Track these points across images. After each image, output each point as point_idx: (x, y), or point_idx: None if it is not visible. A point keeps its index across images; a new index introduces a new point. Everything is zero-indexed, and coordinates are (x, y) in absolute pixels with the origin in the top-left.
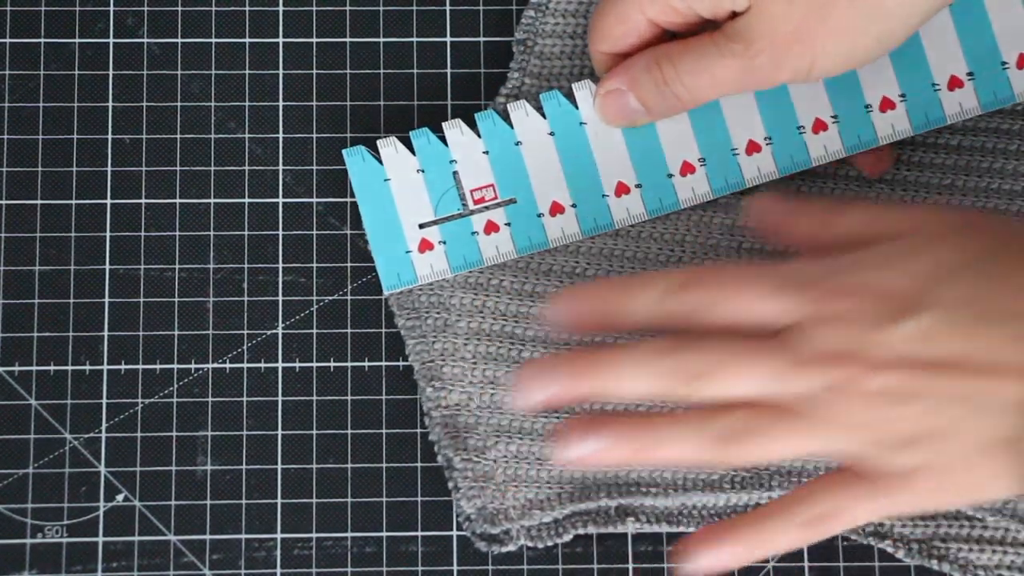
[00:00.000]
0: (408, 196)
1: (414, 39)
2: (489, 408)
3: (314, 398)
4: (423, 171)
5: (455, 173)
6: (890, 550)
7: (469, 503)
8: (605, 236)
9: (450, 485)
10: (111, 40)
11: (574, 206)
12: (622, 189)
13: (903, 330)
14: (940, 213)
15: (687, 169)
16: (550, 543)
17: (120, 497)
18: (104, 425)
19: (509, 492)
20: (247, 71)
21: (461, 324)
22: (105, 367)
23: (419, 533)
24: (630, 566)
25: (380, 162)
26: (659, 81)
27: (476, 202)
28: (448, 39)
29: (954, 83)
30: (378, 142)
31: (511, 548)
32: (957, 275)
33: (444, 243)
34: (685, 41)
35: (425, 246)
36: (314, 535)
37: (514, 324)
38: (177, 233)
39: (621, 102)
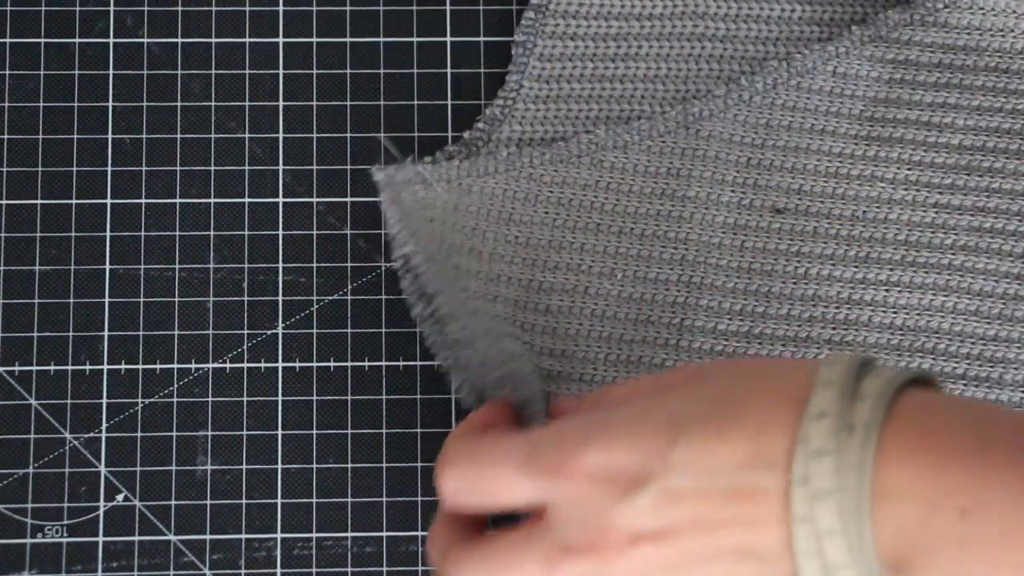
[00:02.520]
0: None
1: (414, 39)
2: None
3: (314, 398)
4: None
5: None
6: None
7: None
8: (609, 233)
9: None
10: (111, 40)
11: None
12: None
13: (636, 504)
14: (679, 369)
15: None
16: None
17: (120, 497)
18: (104, 425)
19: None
20: (247, 71)
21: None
22: (105, 367)
23: (419, 533)
24: None
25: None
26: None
27: None
28: (448, 39)
29: None
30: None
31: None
32: (679, 432)
33: None
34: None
35: None
36: (314, 535)
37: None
38: (177, 233)
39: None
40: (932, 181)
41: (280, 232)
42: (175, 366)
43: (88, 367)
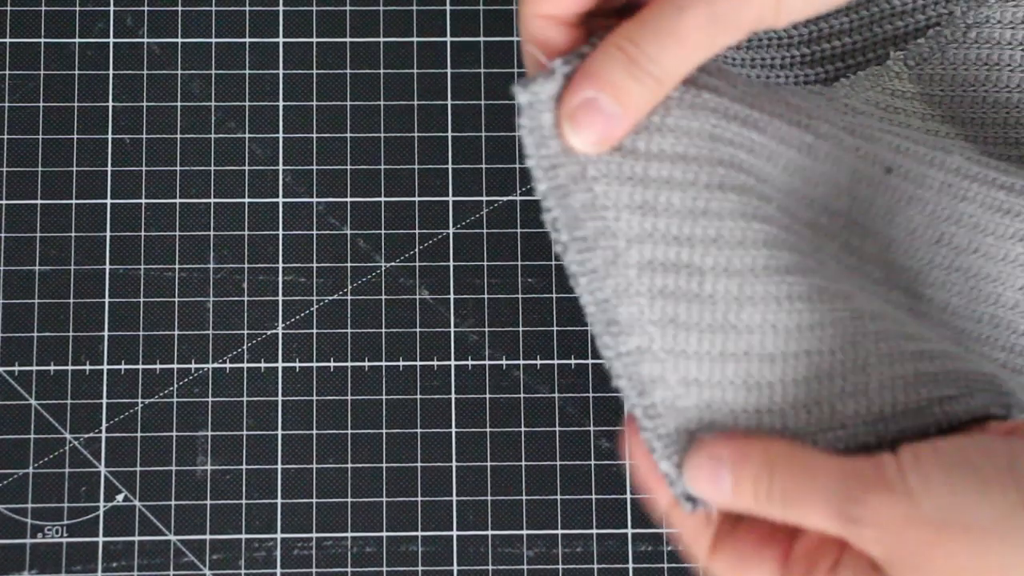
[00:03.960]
0: None
1: (414, 39)
2: (674, 352)
3: (314, 398)
4: None
5: None
6: None
7: (668, 462)
8: (788, 149)
9: (646, 446)
10: (111, 40)
11: None
12: None
13: None
14: None
15: None
16: None
17: (120, 497)
18: (104, 425)
19: None
20: (247, 71)
21: (632, 254)
22: (105, 367)
23: (419, 533)
24: (630, 566)
25: None
26: (627, 64)
27: None
28: (448, 39)
29: None
30: None
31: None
32: None
33: None
34: (638, 14)
35: None
36: (314, 535)
37: (689, 251)
38: (177, 233)
39: (595, 111)
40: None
41: (280, 232)
42: (175, 366)
43: (88, 367)
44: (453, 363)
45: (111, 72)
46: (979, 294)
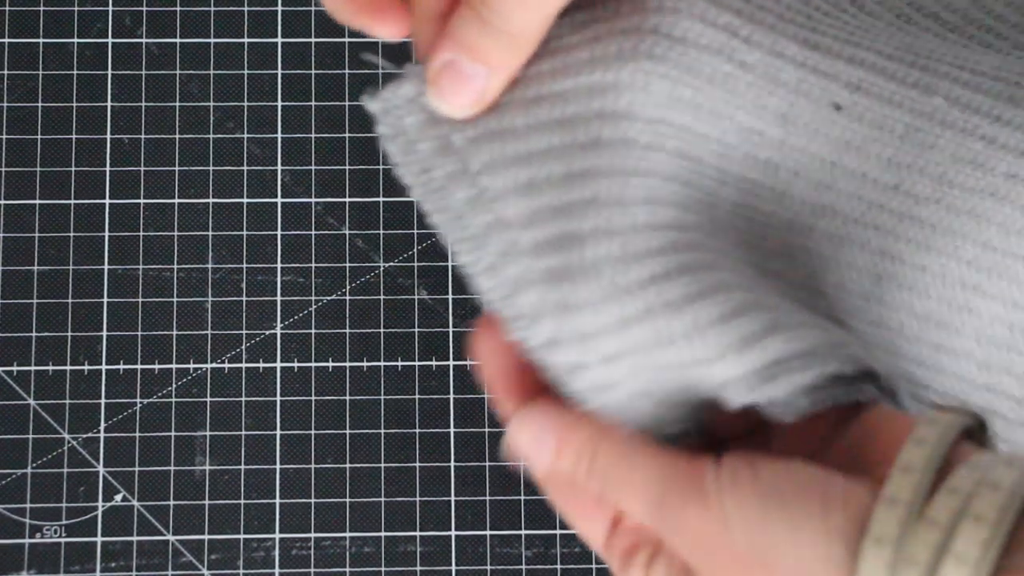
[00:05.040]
0: None
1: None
2: (580, 336)
3: (313, 398)
4: None
5: None
6: None
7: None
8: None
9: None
10: (110, 40)
11: None
12: None
13: None
14: None
15: None
16: None
17: (118, 497)
18: (103, 425)
19: None
20: (246, 71)
21: (525, 238)
22: (104, 367)
23: (418, 533)
24: None
25: None
26: (480, 23)
27: None
28: None
29: None
30: None
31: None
32: None
33: None
34: None
35: None
36: (312, 535)
37: (567, 219)
38: (176, 233)
39: (457, 73)
40: None
41: (279, 232)
42: (174, 366)
43: (87, 367)
44: (452, 363)
45: (110, 72)
46: (933, 244)
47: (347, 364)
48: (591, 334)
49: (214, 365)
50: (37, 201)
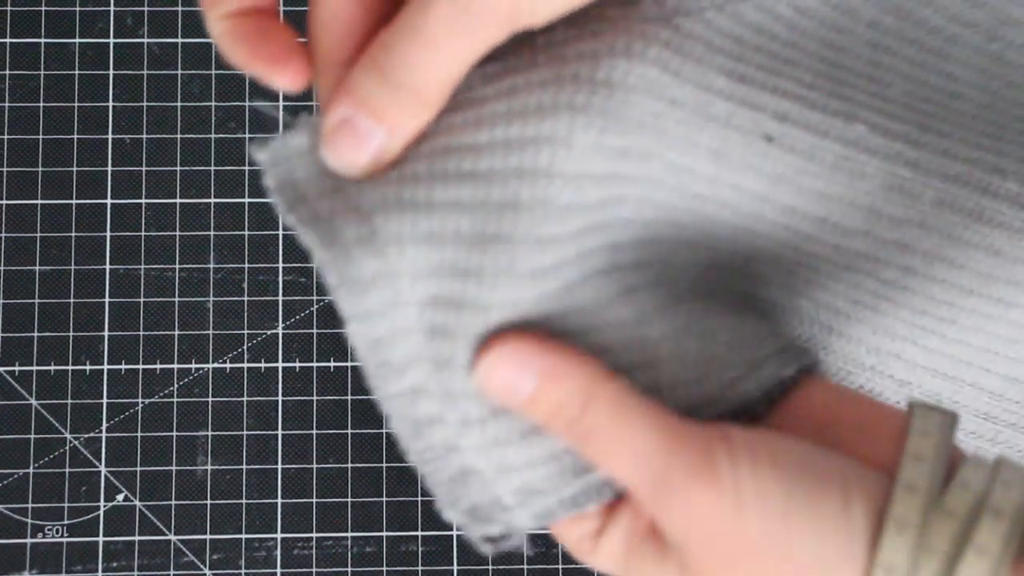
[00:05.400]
0: None
1: None
2: (450, 394)
3: (314, 398)
4: None
5: None
6: None
7: (453, 509)
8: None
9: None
10: (111, 40)
11: None
12: None
13: None
14: None
15: None
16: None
17: (120, 497)
18: (104, 425)
19: (499, 483)
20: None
21: (415, 291)
22: (105, 367)
23: (419, 533)
24: None
25: None
26: (380, 77)
27: None
28: None
29: None
30: None
31: (517, 542)
32: None
33: None
34: (392, 20)
35: None
36: (314, 535)
37: (476, 286)
38: (177, 233)
39: (353, 132)
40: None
41: (280, 232)
42: (175, 366)
43: (88, 367)
44: None
45: (111, 72)
46: (854, 275)
47: (349, 364)
48: (466, 392)
49: (216, 365)
50: (39, 201)
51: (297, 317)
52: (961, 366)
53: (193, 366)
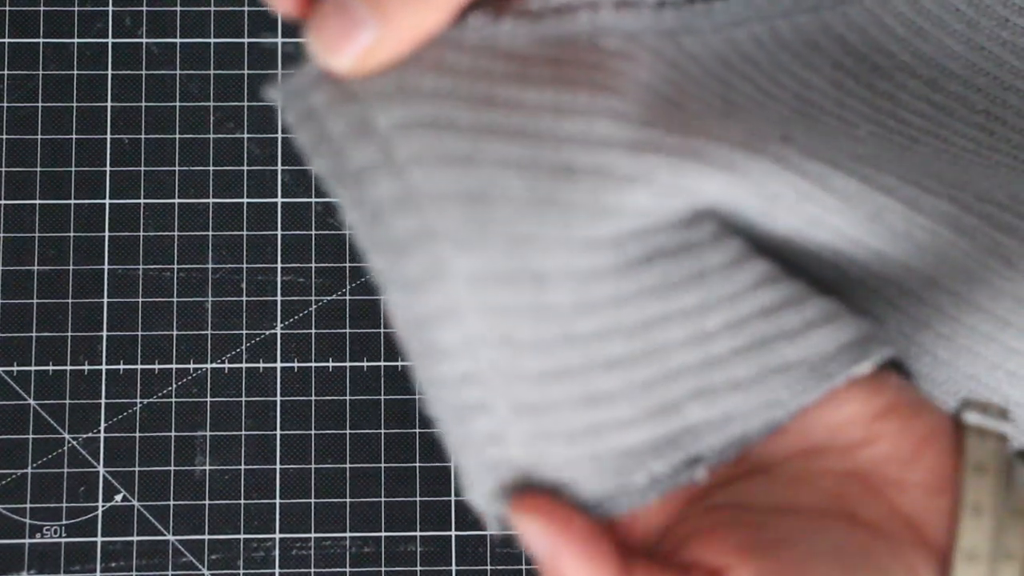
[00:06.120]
0: None
1: None
2: (507, 376)
3: (313, 398)
4: None
5: None
6: None
7: (477, 492)
8: None
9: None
10: (110, 40)
11: None
12: None
13: None
14: None
15: None
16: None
17: (119, 497)
18: (103, 425)
19: (532, 473)
20: (246, 71)
21: (460, 263)
22: (104, 367)
23: (418, 533)
24: None
25: None
26: None
27: None
28: None
29: None
30: None
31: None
32: None
33: None
34: None
35: None
36: (313, 535)
37: (530, 252)
38: (176, 233)
39: (344, 13)
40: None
41: (279, 232)
42: (174, 366)
43: (87, 367)
44: None
45: (110, 72)
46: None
47: (347, 364)
48: (521, 376)
49: (214, 365)
50: (37, 201)
51: (296, 317)
52: None
53: (191, 366)
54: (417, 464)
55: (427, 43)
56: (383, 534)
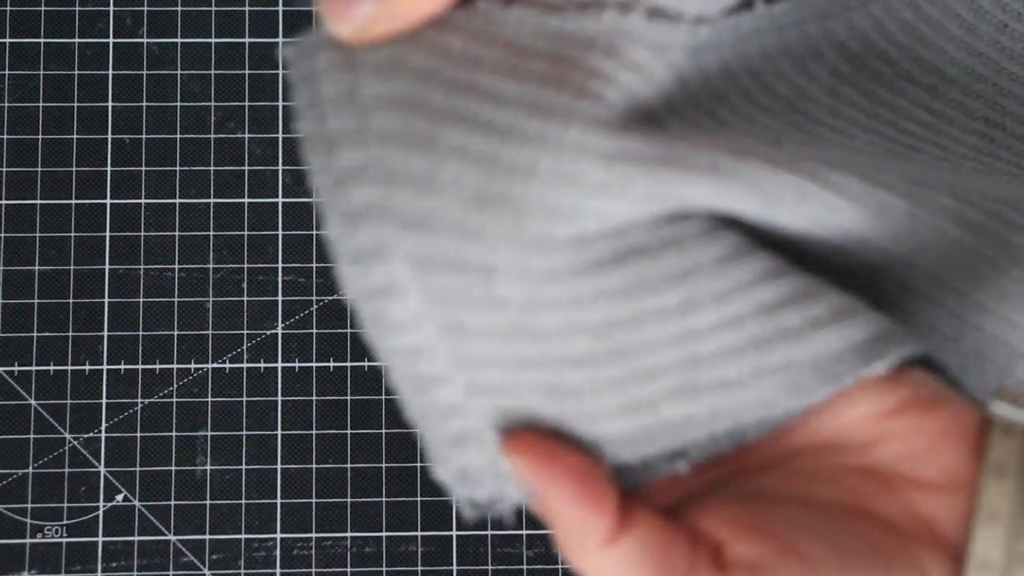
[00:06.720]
0: None
1: None
2: (459, 359)
3: (314, 398)
4: None
5: None
6: None
7: (444, 469)
8: None
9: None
10: (111, 40)
11: None
12: None
13: None
14: None
15: None
16: None
17: (120, 497)
18: (104, 425)
19: (500, 447)
20: (247, 71)
21: (403, 244)
22: (105, 367)
23: (419, 533)
24: None
25: None
26: None
27: None
28: None
29: None
30: None
31: (503, 509)
32: None
33: None
34: None
35: None
36: (313, 535)
37: (477, 245)
38: (177, 233)
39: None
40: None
41: (280, 232)
42: (174, 366)
43: (88, 367)
44: None
45: (111, 72)
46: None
47: (348, 364)
48: (473, 360)
49: (215, 365)
50: (38, 201)
51: (297, 317)
52: None
53: (192, 366)
54: (418, 464)
55: (432, 21)
56: (384, 534)
